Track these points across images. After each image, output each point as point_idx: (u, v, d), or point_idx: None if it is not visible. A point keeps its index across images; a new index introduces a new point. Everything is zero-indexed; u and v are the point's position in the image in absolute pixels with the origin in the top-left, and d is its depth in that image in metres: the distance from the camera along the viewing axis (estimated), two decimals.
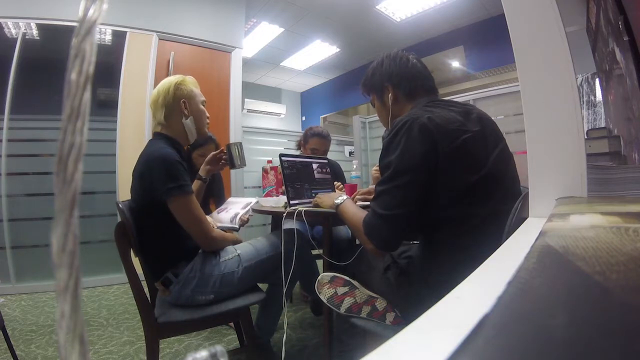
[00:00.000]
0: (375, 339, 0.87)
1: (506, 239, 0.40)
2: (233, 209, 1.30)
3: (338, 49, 4.52)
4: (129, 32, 2.58)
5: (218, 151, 1.28)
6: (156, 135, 1.10)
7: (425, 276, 0.81)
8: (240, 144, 1.27)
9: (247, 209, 1.29)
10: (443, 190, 0.76)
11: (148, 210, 0.99)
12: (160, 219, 0.98)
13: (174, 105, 1.08)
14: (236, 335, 1.46)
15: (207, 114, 1.18)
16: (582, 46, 2.06)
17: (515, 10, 0.59)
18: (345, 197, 0.98)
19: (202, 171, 1.29)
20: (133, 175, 1.03)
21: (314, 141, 1.96)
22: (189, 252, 1.05)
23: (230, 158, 1.25)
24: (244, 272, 1.06)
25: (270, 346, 1.35)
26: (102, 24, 1.33)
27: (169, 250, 1.03)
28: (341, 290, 0.92)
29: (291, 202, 1.24)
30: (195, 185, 1.26)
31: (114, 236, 0.94)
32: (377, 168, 1.80)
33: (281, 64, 4.95)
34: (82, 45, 0.14)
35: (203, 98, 1.16)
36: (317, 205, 1.15)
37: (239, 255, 1.09)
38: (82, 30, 0.15)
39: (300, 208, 1.14)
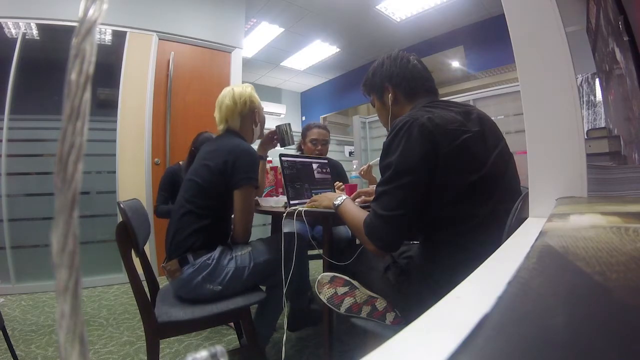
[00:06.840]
0: (375, 339, 0.87)
1: (506, 239, 0.40)
2: None
3: (338, 49, 4.52)
4: (129, 32, 2.58)
5: (271, 131, 1.45)
6: (231, 133, 1.26)
7: (425, 276, 0.81)
8: (289, 124, 1.44)
9: None
10: (443, 190, 0.76)
11: (213, 190, 1.12)
12: (216, 201, 1.12)
13: (248, 115, 1.28)
14: (236, 335, 1.46)
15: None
16: (582, 46, 2.06)
17: (515, 10, 0.59)
18: (344, 197, 0.98)
19: (259, 150, 1.42)
20: (209, 157, 1.16)
21: (312, 132, 1.93)
22: (214, 242, 1.11)
23: (282, 137, 1.42)
24: (253, 268, 1.11)
25: (270, 346, 1.35)
26: (102, 24, 1.34)
27: (202, 232, 1.09)
28: (341, 290, 0.92)
29: (291, 202, 1.24)
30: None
31: (115, 236, 0.94)
32: (365, 166, 1.81)
33: (281, 64, 4.95)
34: (82, 45, 0.14)
35: (262, 106, 1.38)
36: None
37: (249, 251, 1.14)
38: (82, 30, 0.15)
39: (300, 208, 1.14)
